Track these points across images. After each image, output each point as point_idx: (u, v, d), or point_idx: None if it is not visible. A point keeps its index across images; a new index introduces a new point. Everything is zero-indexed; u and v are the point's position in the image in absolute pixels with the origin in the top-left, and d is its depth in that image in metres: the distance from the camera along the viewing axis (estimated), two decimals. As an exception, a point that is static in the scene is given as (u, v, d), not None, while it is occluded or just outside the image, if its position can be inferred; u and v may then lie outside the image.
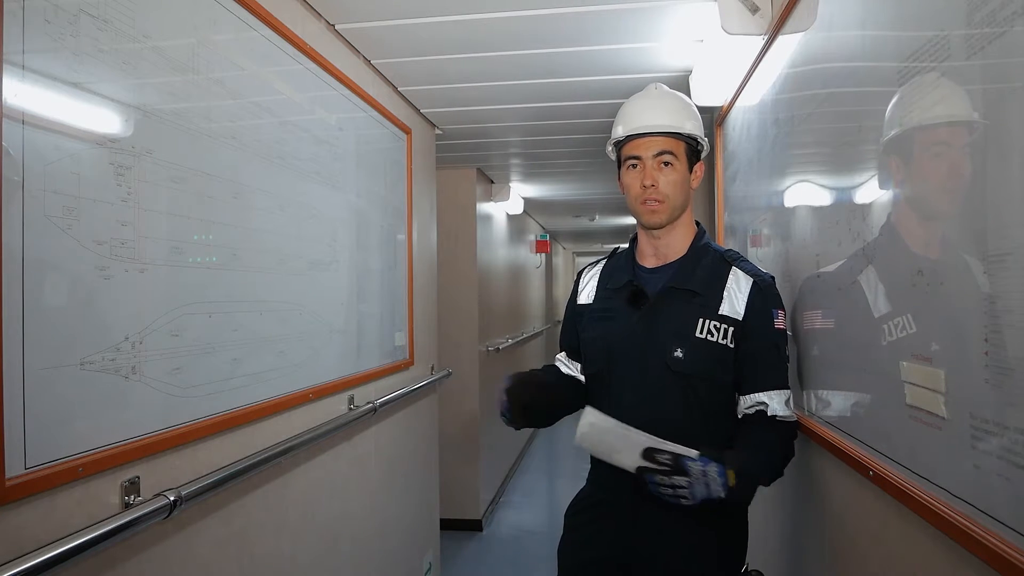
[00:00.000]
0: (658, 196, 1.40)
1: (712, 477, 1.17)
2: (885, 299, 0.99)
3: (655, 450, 1.20)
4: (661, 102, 1.45)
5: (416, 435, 2.86)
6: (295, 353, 1.70)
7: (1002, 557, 0.69)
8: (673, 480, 1.18)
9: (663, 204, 1.40)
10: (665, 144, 1.40)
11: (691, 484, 1.17)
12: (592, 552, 1.44)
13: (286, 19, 1.67)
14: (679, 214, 1.43)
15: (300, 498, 1.76)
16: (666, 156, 1.39)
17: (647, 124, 1.41)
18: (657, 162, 1.40)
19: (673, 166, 1.40)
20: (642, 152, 1.41)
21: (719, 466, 1.18)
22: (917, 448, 0.90)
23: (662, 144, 1.40)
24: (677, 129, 1.40)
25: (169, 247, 1.21)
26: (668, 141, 1.40)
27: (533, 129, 3.27)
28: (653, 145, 1.40)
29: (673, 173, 1.40)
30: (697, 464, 1.18)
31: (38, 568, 0.87)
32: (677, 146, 1.40)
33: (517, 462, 5.94)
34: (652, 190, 1.39)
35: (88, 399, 1.02)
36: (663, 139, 1.40)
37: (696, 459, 1.19)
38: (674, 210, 1.41)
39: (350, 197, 2.09)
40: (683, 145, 1.41)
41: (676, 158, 1.40)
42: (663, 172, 1.40)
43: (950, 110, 0.81)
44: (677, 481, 1.17)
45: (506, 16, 1.94)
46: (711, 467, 1.17)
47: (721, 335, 1.35)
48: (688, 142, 1.42)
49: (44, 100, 0.95)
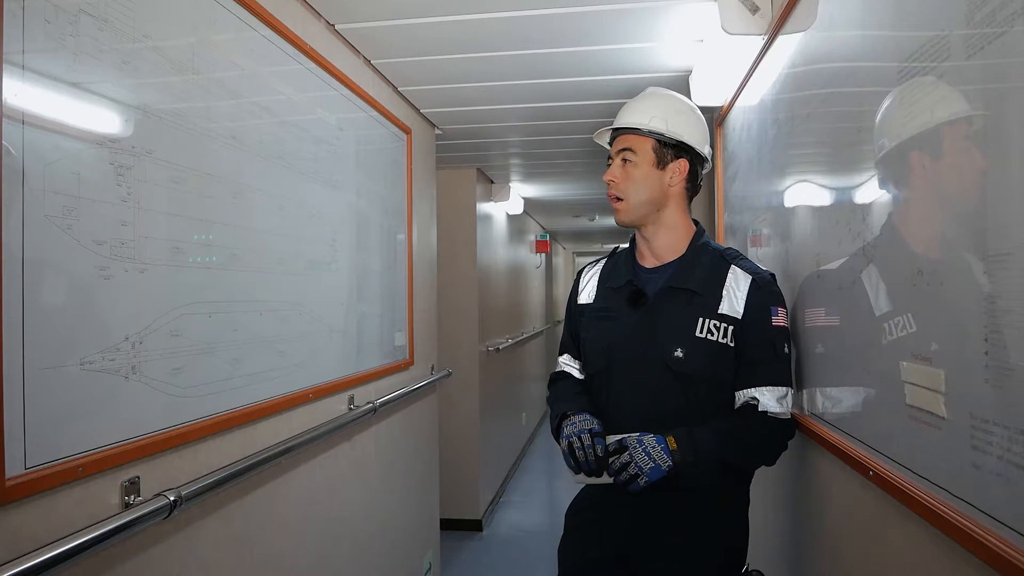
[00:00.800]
0: (617, 193, 1.44)
1: (650, 444, 1.25)
2: (885, 299, 0.99)
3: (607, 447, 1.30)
4: (636, 104, 1.48)
5: (416, 435, 2.86)
6: (295, 353, 1.70)
7: (1002, 557, 0.69)
8: (619, 460, 1.26)
9: (622, 202, 1.44)
10: (625, 141, 1.43)
11: (632, 456, 1.25)
12: (593, 552, 1.44)
13: (286, 19, 1.67)
14: (646, 212, 1.44)
15: (300, 498, 1.76)
16: (625, 153, 1.43)
17: (614, 124, 1.47)
18: (620, 159, 1.44)
19: (633, 163, 1.42)
20: (612, 151, 1.46)
21: (657, 436, 1.26)
22: (917, 448, 0.90)
23: (624, 141, 1.44)
24: (633, 125, 1.43)
25: (169, 247, 1.21)
26: (629, 139, 1.43)
27: (533, 129, 3.27)
28: (618, 143, 1.45)
29: (634, 169, 1.42)
30: (633, 436, 1.28)
31: (38, 568, 0.87)
32: (639, 143, 1.42)
33: (517, 462, 5.94)
34: (612, 186, 1.44)
35: (88, 399, 1.02)
36: (626, 137, 1.44)
37: (634, 435, 1.28)
38: (636, 207, 1.43)
39: (350, 197, 2.09)
40: (649, 142, 1.42)
41: (635, 154, 1.42)
42: (623, 169, 1.43)
43: (950, 109, 0.81)
44: (622, 459, 1.26)
45: (506, 16, 1.94)
46: (647, 436, 1.26)
47: (721, 334, 1.35)
48: (657, 139, 1.42)
49: (44, 100, 0.95)
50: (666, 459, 1.24)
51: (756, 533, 1.53)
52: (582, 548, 1.47)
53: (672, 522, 1.36)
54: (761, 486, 1.64)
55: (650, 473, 1.25)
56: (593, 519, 1.47)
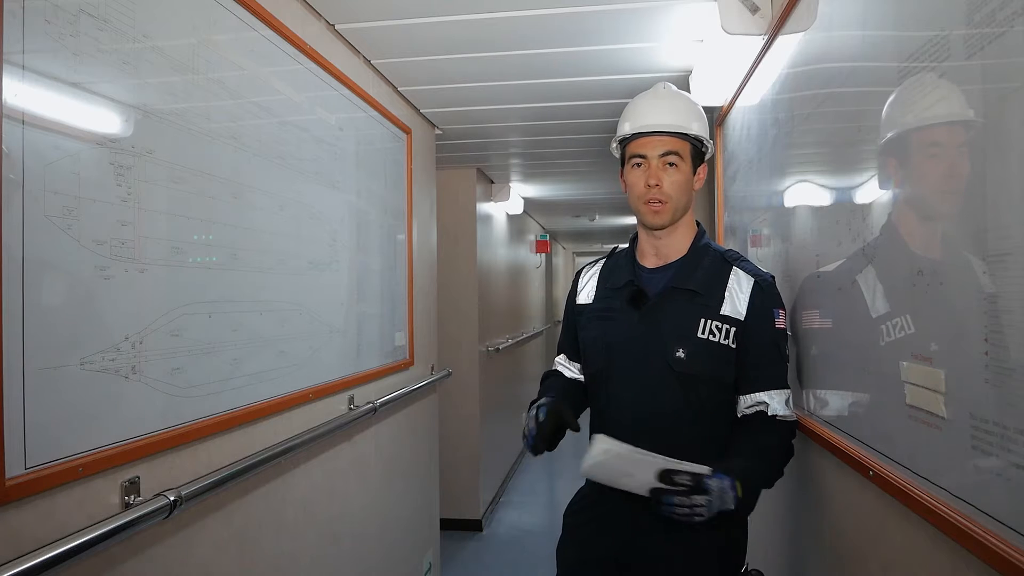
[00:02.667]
0: (662, 196, 1.39)
1: (726, 491, 1.17)
2: (885, 299, 0.99)
3: (673, 471, 1.17)
4: (669, 102, 1.43)
5: (416, 435, 2.86)
6: (295, 353, 1.70)
7: (1002, 557, 0.69)
8: (692, 500, 1.16)
9: (666, 205, 1.39)
10: (671, 144, 1.39)
11: (710, 502, 1.16)
12: (591, 552, 1.44)
13: (286, 19, 1.67)
14: (681, 215, 1.42)
15: (300, 498, 1.76)
16: (671, 157, 1.38)
17: (655, 123, 1.40)
18: (662, 162, 1.39)
19: (678, 167, 1.39)
20: (648, 151, 1.40)
21: (731, 479, 1.18)
22: (917, 448, 0.90)
23: (668, 144, 1.38)
24: (684, 129, 1.39)
25: (169, 247, 1.21)
26: (674, 141, 1.39)
27: (533, 129, 3.26)
28: (659, 145, 1.39)
29: (677, 174, 1.39)
30: (715, 481, 1.17)
31: (38, 568, 0.87)
32: (683, 147, 1.39)
33: (517, 462, 5.94)
34: (656, 190, 1.38)
35: (88, 399, 1.02)
36: (669, 139, 1.39)
37: (712, 476, 1.18)
38: (676, 211, 1.41)
39: (350, 197, 2.09)
40: (688, 146, 1.40)
41: (681, 159, 1.39)
42: (668, 172, 1.39)
43: (949, 110, 0.81)
44: (696, 500, 1.15)
45: (506, 16, 1.94)
46: (725, 481, 1.17)
47: (723, 335, 1.35)
48: (694, 143, 1.41)
49: (44, 100, 0.95)
50: (731, 504, 1.18)
51: (756, 533, 1.53)
52: (580, 549, 1.47)
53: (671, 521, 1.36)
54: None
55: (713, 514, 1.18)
56: (592, 519, 1.47)
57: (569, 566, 1.49)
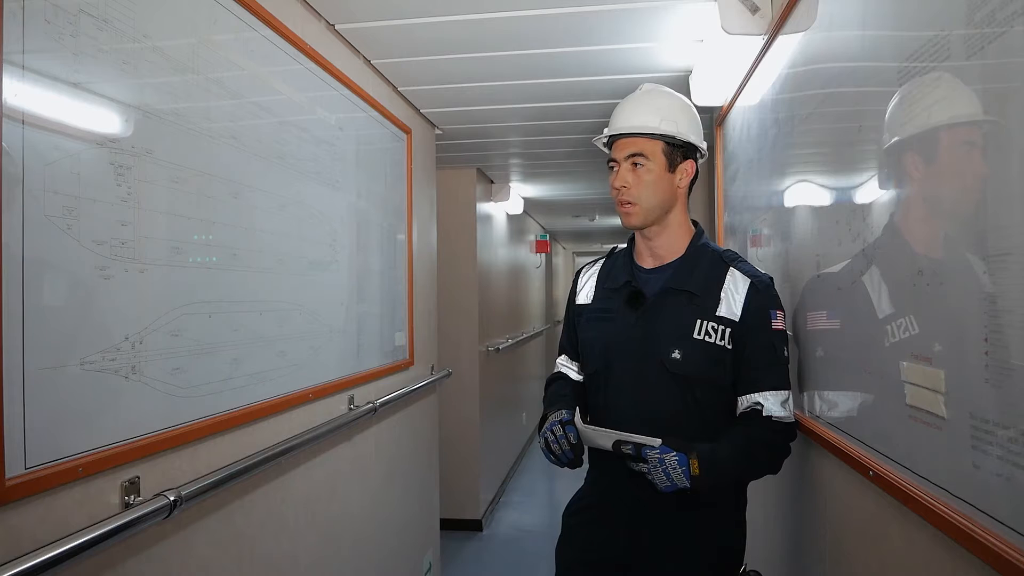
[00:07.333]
0: (629, 198, 1.40)
1: (671, 465, 1.22)
2: (886, 299, 0.99)
3: (621, 442, 1.29)
4: (638, 104, 1.44)
5: (416, 435, 2.86)
6: (295, 353, 1.70)
7: (1002, 557, 0.69)
8: (639, 467, 1.26)
9: (635, 206, 1.40)
10: (636, 145, 1.39)
11: (650, 471, 1.24)
12: (590, 553, 1.44)
13: (286, 19, 1.67)
14: (657, 215, 1.42)
15: (300, 498, 1.76)
16: (637, 158, 1.39)
17: (619, 126, 1.42)
18: (629, 163, 1.40)
19: (645, 167, 1.39)
20: (617, 154, 1.42)
21: (680, 455, 1.23)
22: (917, 448, 0.90)
23: (632, 145, 1.39)
24: (647, 129, 1.39)
25: (169, 247, 1.21)
26: (638, 142, 1.39)
27: (533, 129, 3.27)
28: (625, 147, 1.40)
29: (646, 174, 1.39)
30: (655, 452, 1.24)
31: (38, 568, 0.87)
32: (650, 146, 1.39)
33: (517, 462, 5.94)
34: (624, 191, 1.40)
35: (88, 399, 1.02)
36: (634, 140, 1.40)
37: (656, 448, 1.24)
38: (649, 211, 1.41)
39: (350, 197, 2.09)
40: (659, 145, 1.39)
41: (647, 159, 1.39)
42: (634, 173, 1.39)
43: (951, 111, 0.81)
44: (640, 468, 1.26)
45: (506, 16, 1.94)
46: (670, 455, 1.23)
47: (719, 336, 1.35)
48: (669, 142, 1.40)
49: (44, 100, 0.95)
50: (684, 481, 1.22)
51: (756, 533, 1.53)
52: (580, 549, 1.47)
53: (670, 521, 1.36)
54: (761, 486, 1.64)
55: (665, 489, 1.24)
56: (591, 520, 1.46)
57: (568, 566, 1.49)
